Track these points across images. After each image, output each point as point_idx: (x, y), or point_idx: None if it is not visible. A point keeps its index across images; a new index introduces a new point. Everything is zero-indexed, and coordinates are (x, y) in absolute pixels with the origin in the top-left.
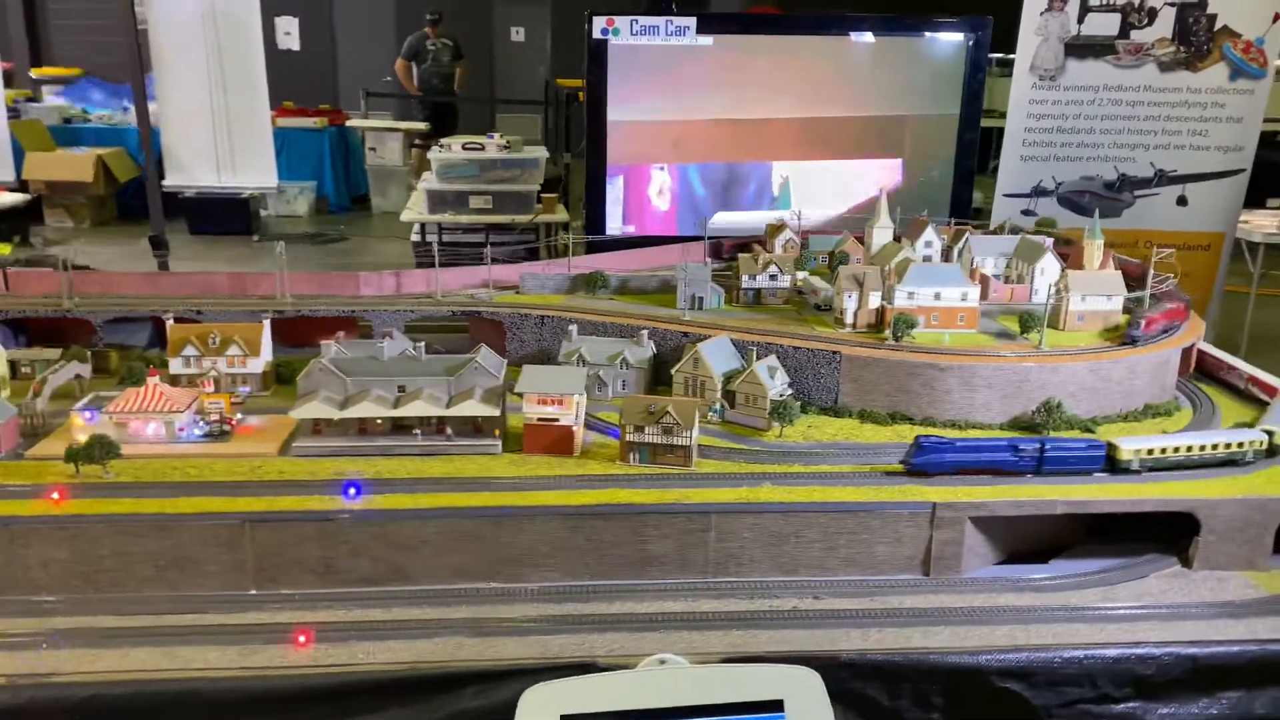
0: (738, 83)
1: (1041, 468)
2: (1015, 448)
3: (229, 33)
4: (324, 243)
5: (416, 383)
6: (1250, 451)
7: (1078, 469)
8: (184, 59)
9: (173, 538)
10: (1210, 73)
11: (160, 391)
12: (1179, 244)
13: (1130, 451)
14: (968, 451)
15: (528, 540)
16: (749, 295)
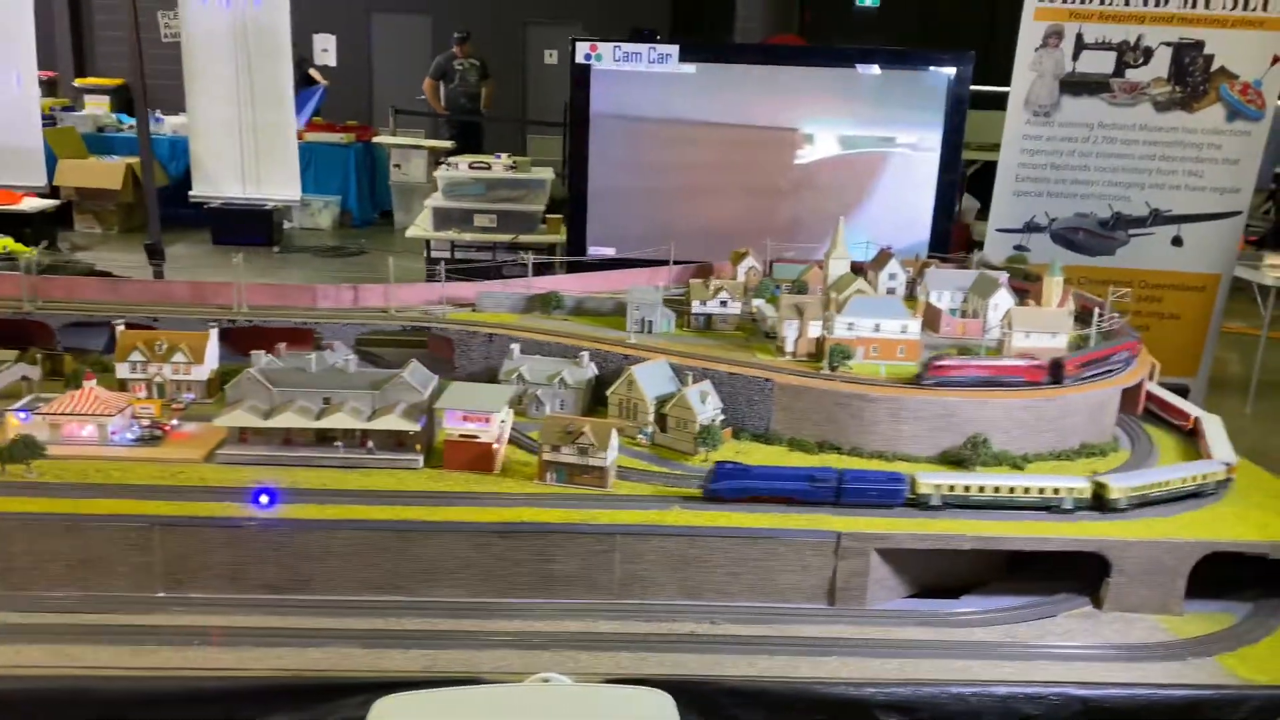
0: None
1: (840, 499)
2: (812, 478)
3: (259, 48)
4: (343, 256)
5: (341, 395)
6: (1070, 499)
7: (877, 502)
8: (214, 72)
9: (83, 538)
10: (1207, 113)
11: (95, 395)
12: (1174, 284)
13: (930, 486)
14: (765, 479)
15: (433, 555)
16: (699, 321)
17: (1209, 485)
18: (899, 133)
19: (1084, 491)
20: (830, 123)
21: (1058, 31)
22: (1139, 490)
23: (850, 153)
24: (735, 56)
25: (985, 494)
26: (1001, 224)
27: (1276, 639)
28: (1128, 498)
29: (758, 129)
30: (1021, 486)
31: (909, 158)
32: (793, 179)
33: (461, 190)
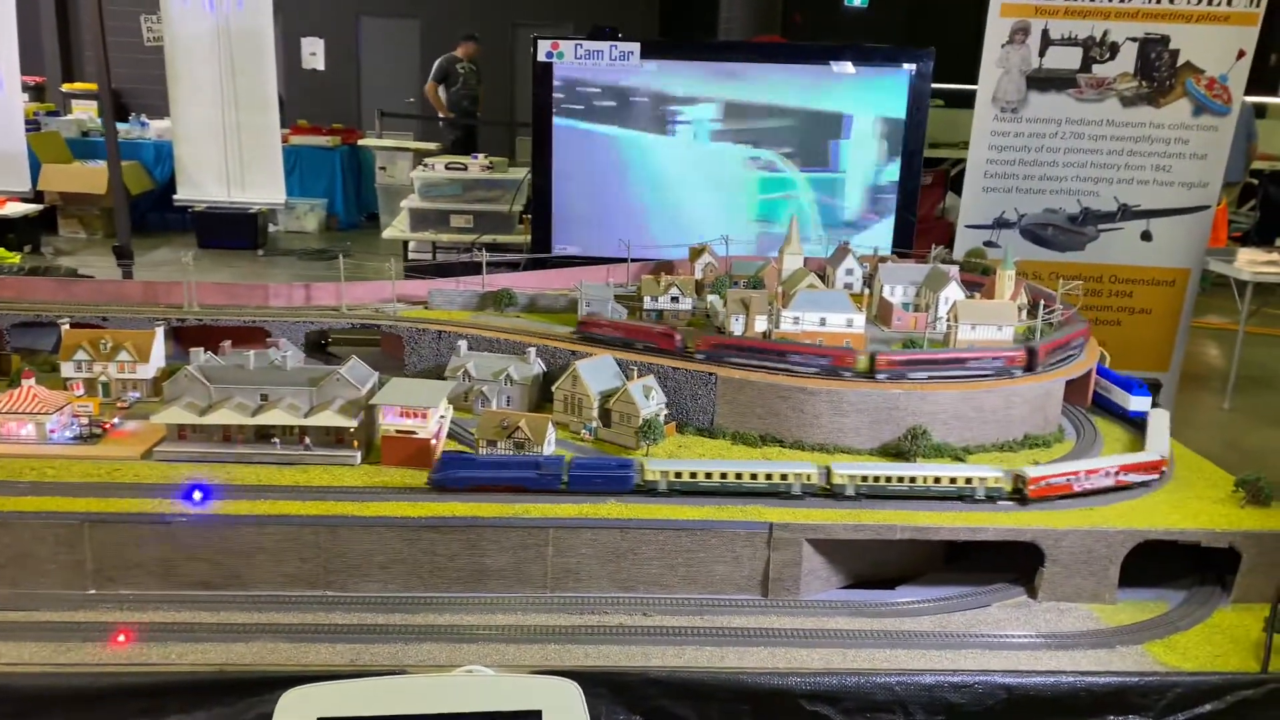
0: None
1: (567, 486)
2: (537, 465)
3: (243, 51)
4: (328, 259)
5: (278, 392)
6: (799, 484)
7: (605, 489)
8: (197, 75)
9: (11, 535)
10: (1173, 108)
11: (33, 393)
12: (1144, 279)
13: (657, 473)
14: (490, 468)
15: (364, 550)
16: (651, 316)
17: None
18: (860, 129)
19: (812, 478)
20: (792, 118)
21: (1024, 28)
22: (867, 480)
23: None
24: (696, 54)
25: (709, 480)
26: (971, 220)
27: (1205, 627)
28: (855, 486)
29: (720, 125)
30: (751, 473)
31: (870, 154)
32: (754, 176)
33: (438, 191)
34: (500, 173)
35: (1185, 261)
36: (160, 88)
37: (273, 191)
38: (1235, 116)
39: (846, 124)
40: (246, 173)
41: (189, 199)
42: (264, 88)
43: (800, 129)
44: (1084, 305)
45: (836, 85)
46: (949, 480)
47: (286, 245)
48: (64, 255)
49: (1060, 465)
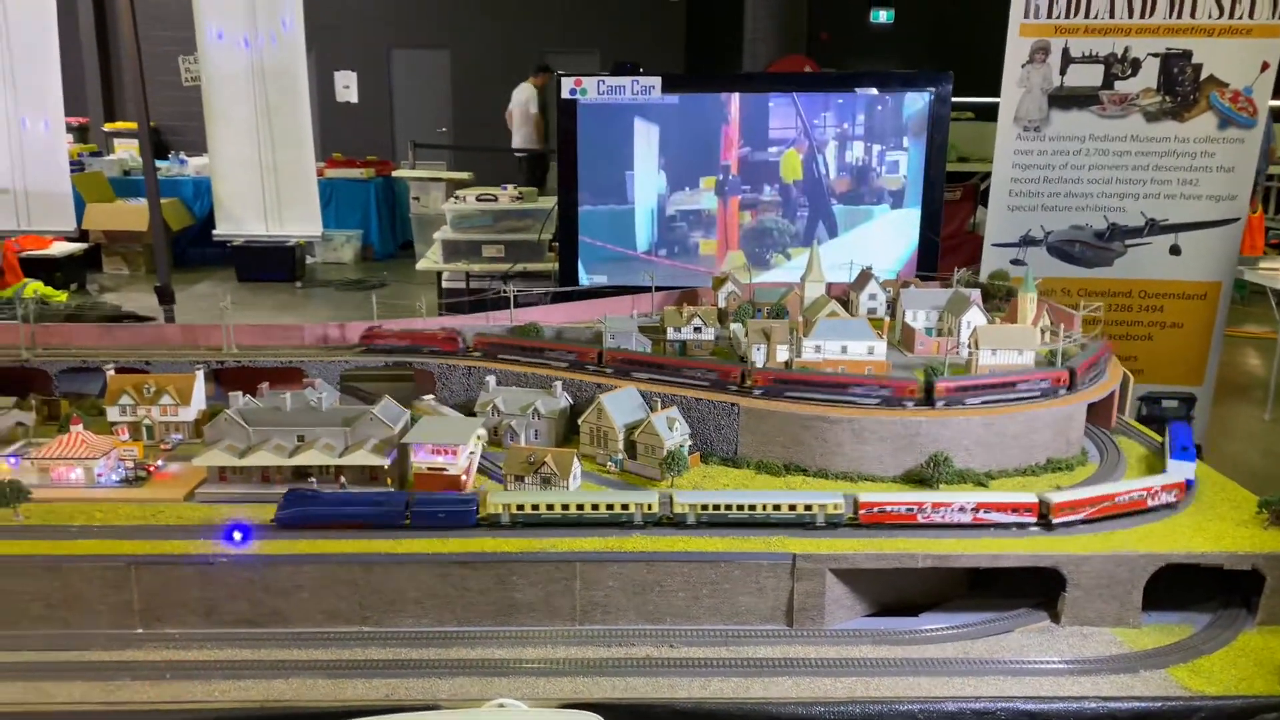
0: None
1: (411, 522)
2: (378, 502)
3: (278, 88)
4: (365, 289)
5: (315, 432)
6: (640, 514)
7: (447, 524)
8: (234, 113)
9: (62, 578)
10: (1198, 122)
11: (81, 439)
12: (1174, 293)
13: (497, 506)
14: (334, 505)
15: (397, 586)
16: (675, 347)
17: (814, 516)
18: (882, 153)
19: (650, 507)
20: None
21: (1044, 47)
22: (707, 508)
23: (836, 175)
24: (718, 86)
25: (555, 512)
26: (997, 238)
27: (1230, 650)
28: (696, 515)
29: (745, 154)
30: (592, 504)
31: (893, 176)
32: (778, 203)
33: (469, 222)
34: (530, 202)
35: (1216, 274)
36: (199, 125)
37: (309, 224)
38: (1262, 128)
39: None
40: (283, 207)
41: (228, 234)
42: (299, 123)
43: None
44: (1114, 320)
45: (856, 111)
46: (788, 507)
47: (324, 277)
48: (108, 292)
49: (904, 494)
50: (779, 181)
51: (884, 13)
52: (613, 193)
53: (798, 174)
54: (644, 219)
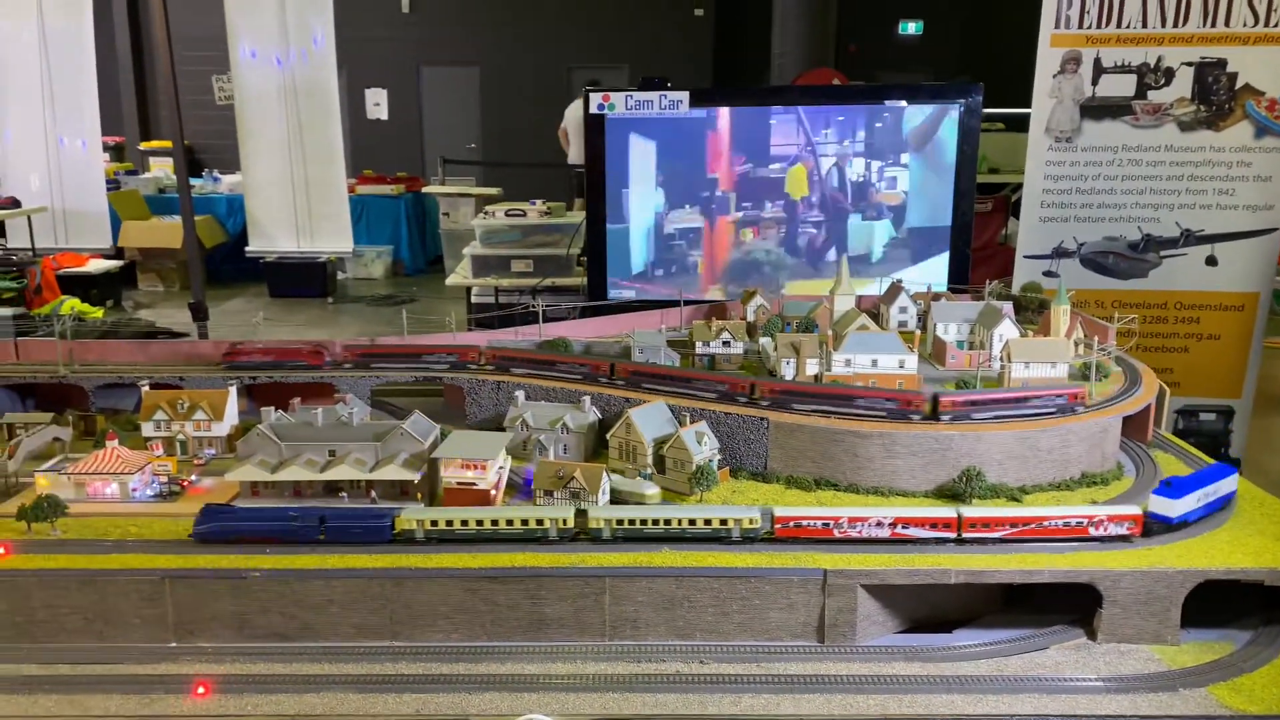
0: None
1: (325, 536)
2: (293, 517)
3: (309, 106)
4: (396, 304)
5: (346, 447)
6: (555, 528)
7: (362, 539)
8: (266, 131)
9: (98, 592)
10: (1234, 131)
11: (117, 454)
12: (1211, 304)
13: (411, 521)
14: (249, 520)
15: (428, 601)
16: (704, 361)
17: (729, 531)
18: (912, 166)
19: (565, 522)
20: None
21: (1075, 57)
22: (623, 523)
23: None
24: (745, 99)
25: (470, 528)
26: (1029, 250)
27: (1273, 668)
28: (611, 530)
29: (772, 167)
30: (519, 519)
31: (921, 190)
32: (809, 215)
33: (499, 238)
34: (558, 217)
35: (1253, 285)
36: (231, 144)
37: (341, 241)
38: None
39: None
40: (315, 223)
41: (260, 250)
42: (330, 140)
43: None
44: (1150, 333)
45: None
46: (704, 522)
47: (355, 292)
48: (143, 309)
49: (815, 509)
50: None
51: (913, 24)
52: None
53: (804, 190)
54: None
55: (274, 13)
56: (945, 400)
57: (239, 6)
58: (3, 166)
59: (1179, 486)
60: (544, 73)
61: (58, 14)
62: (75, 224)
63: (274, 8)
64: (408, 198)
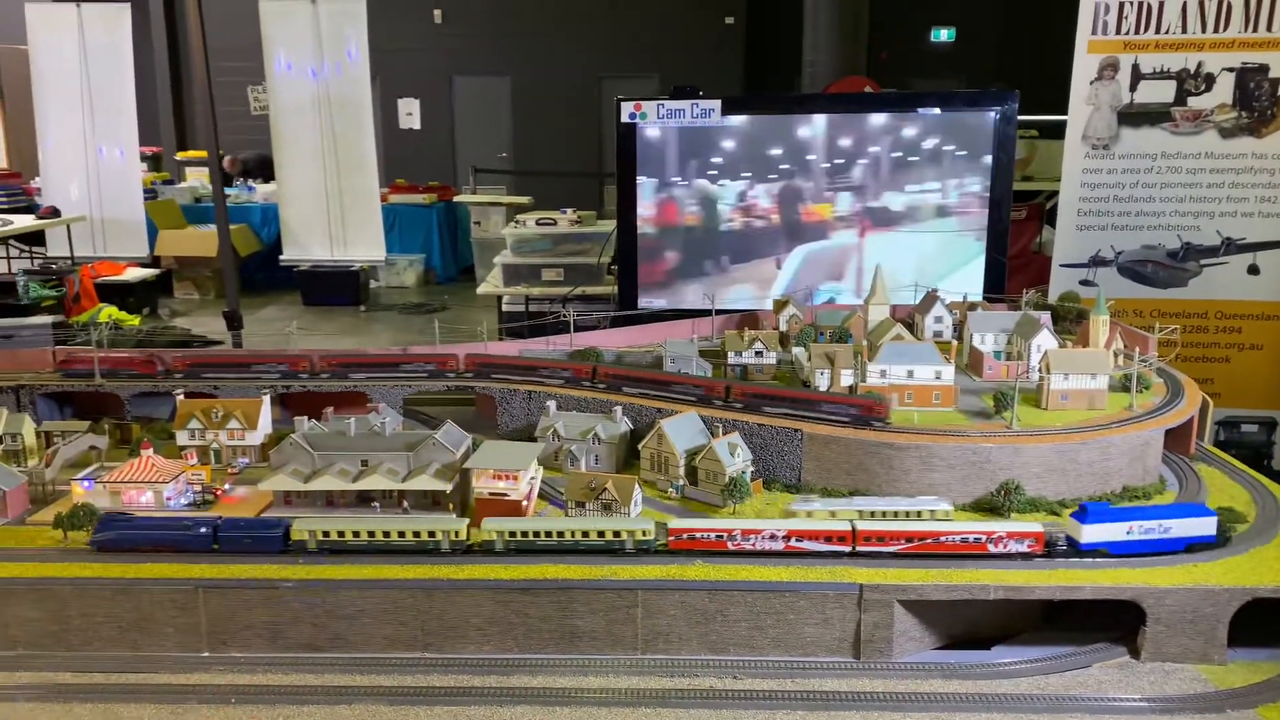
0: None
1: (219, 546)
2: (187, 526)
3: (343, 116)
4: (427, 312)
5: (378, 457)
6: (447, 541)
7: (253, 549)
8: (300, 141)
9: (132, 600)
10: (1277, 138)
11: (152, 463)
12: (1253, 314)
13: (304, 532)
14: (145, 529)
15: (458, 612)
16: (736, 371)
17: (623, 543)
18: (946, 174)
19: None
20: (878, 166)
21: (1113, 63)
22: (516, 536)
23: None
24: (779, 108)
25: (360, 539)
26: (1066, 259)
27: None
28: (504, 542)
29: (806, 175)
30: (407, 530)
31: (958, 198)
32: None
33: (529, 246)
34: (589, 226)
35: None
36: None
37: (373, 249)
38: None
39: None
40: (348, 232)
41: (294, 259)
42: (363, 150)
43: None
44: (1190, 343)
45: (918, 132)
46: (597, 534)
47: (387, 300)
48: (179, 317)
49: (714, 521)
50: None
51: (945, 31)
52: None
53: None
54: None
55: (309, 25)
56: (737, 388)
57: (274, 19)
58: (44, 176)
59: (1095, 514)
60: (574, 82)
61: (98, 28)
62: (113, 233)
63: (309, 21)
64: (439, 207)
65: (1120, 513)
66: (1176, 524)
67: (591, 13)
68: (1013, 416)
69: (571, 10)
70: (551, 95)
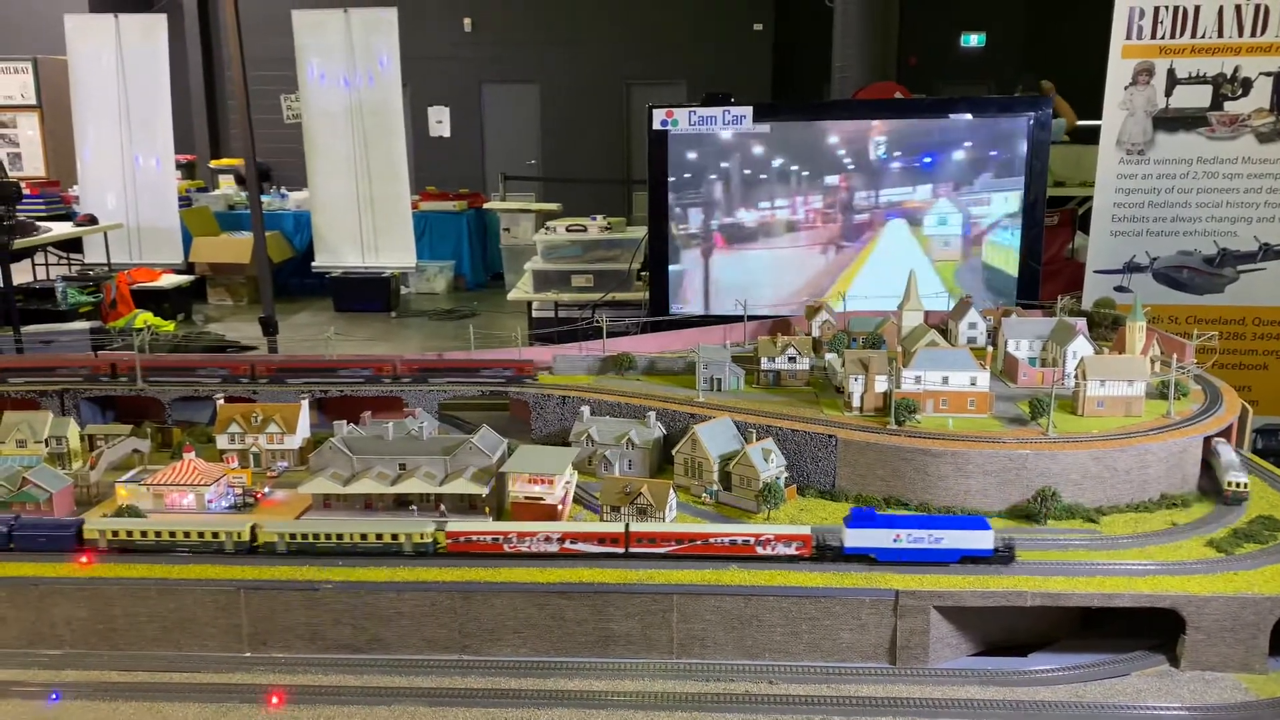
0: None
1: (15, 546)
2: None
3: (374, 125)
4: (457, 318)
5: (415, 461)
6: (231, 541)
7: (47, 547)
8: (333, 149)
9: (176, 600)
10: None
11: (194, 466)
12: None
13: (94, 531)
14: None
15: (495, 615)
16: (769, 378)
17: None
18: (980, 181)
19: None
20: (910, 172)
21: (1148, 68)
22: (295, 537)
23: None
24: (811, 114)
25: (157, 539)
26: (1100, 265)
27: None
28: (285, 543)
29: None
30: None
31: (993, 205)
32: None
33: (559, 253)
34: (618, 232)
35: None
36: (299, 161)
37: (404, 256)
38: None
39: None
40: (379, 239)
41: (326, 265)
42: (394, 158)
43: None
44: (1226, 350)
45: (952, 138)
46: (375, 536)
47: (418, 307)
48: (213, 323)
49: (490, 523)
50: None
51: (975, 36)
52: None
53: None
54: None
55: (341, 35)
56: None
57: (307, 29)
58: (81, 185)
59: (859, 519)
60: (603, 89)
61: (135, 38)
62: (149, 240)
63: (341, 30)
64: (469, 214)
65: (889, 520)
66: (949, 535)
67: (619, 20)
68: (1049, 423)
69: (599, 18)
70: (580, 102)
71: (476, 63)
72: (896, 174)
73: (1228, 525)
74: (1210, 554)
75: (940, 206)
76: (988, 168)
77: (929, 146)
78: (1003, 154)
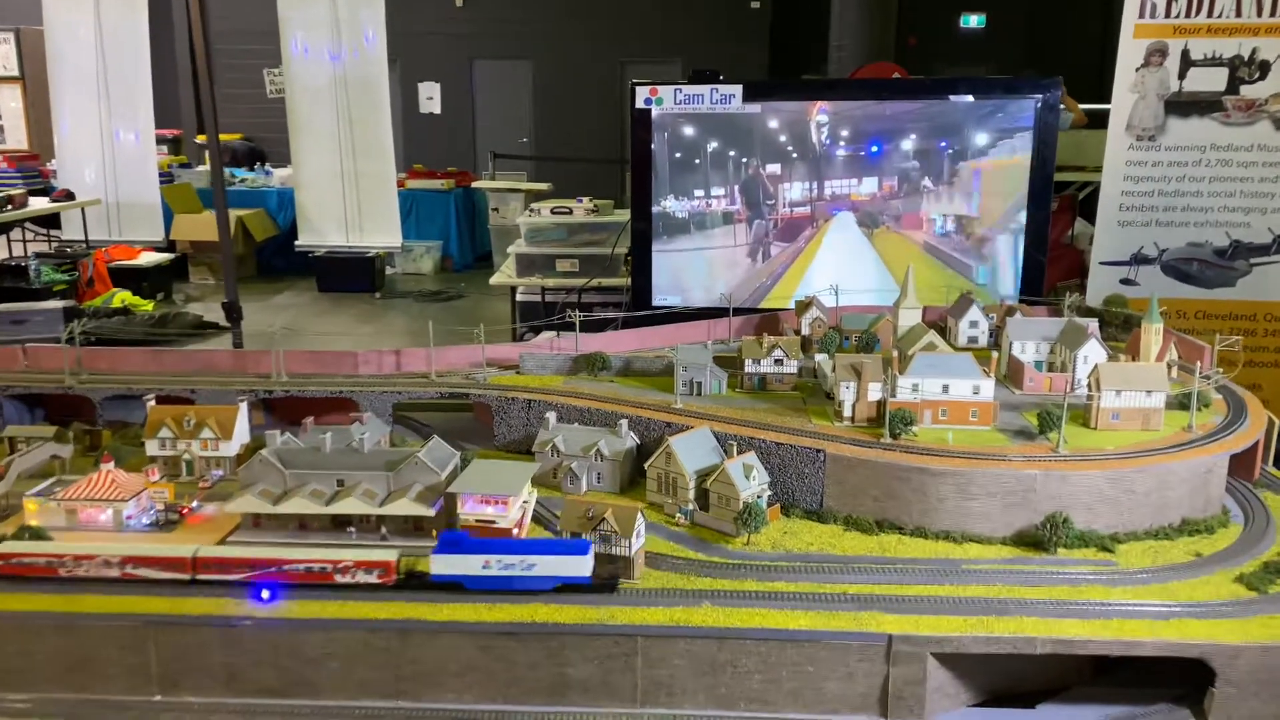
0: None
1: None
2: None
3: (360, 100)
4: (444, 300)
5: (355, 477)
6: None
7: None
8: (317, 125)
9: (75, 638)
10: None
11: (111, 478)
12: None
13: None
14: None
15: (435, 658)
16: (753, 381)
17: None
18: (984, 165)
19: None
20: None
21: (1161, 49)
22: None
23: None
24: (803, 94)
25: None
26: (1106, 256)
27: None
28: None
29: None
30: None
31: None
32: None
33: (544, 236)
34: (605, 215)
35: None
36: (283, 136)
37: (390, 235)
38: None
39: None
40: (364, 218)
41: (310, 244)
42: (380, 135)
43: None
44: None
45: (956, 119)
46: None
47: (403, 288)
48: (193, 302)
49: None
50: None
51: (975, 17)
52: None
53: None
54: None
55: (326, 8)
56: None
57: (291, 1)
58: (59, 159)
59: (447, 544)
60: (596, 66)
61: (115, 9)
62: (128, 217)
63: (326, 3)
64: (457, 193)
65: (479, 544)
66: (543, 561)
67: None
68: (1059, 438)
69: None
70: (573, 80)
71: (467, 38)
72: (892, 159)
73: (1257, 557)
74: (1241, 592)
75: (939, 194)
76: (992, 152)
77: (927, 132)
78: (1008, 138)
